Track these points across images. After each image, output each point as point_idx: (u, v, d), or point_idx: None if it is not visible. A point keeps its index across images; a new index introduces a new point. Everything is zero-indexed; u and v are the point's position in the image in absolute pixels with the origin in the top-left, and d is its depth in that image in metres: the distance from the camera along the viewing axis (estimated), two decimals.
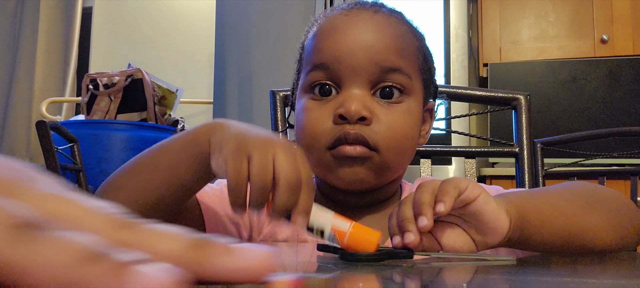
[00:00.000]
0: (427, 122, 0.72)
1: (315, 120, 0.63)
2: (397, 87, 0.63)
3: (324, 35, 0.65)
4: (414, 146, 0.67)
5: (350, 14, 0.65)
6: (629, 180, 1.45)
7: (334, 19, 0.66)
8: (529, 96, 1.05)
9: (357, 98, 0.60)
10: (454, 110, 2.03)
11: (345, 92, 0.62)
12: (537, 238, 0.53)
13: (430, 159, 1.09)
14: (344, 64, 0.62)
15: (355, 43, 0.62)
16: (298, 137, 0.66)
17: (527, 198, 0.55)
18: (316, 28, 0.67)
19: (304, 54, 0.68)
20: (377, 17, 0.65)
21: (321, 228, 0.46)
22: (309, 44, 0.67)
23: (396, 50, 0.63)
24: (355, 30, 0.63)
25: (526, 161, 1.04)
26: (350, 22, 0.64)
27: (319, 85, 0.63)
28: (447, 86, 1.10)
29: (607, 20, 2.44)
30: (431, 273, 0.45)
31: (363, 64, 0.61)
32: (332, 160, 0.62)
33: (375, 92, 0.63)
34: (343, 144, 0.60)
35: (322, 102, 0.63)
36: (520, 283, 0.42)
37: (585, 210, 0.57)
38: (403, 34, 0.65)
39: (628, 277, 0.48)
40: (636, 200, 1.40)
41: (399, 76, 0.62)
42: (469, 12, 2.38)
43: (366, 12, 0.65)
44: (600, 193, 0.61)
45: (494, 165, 2.49)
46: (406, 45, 0.65)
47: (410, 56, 0.65)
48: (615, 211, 0.59)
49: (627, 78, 2.36)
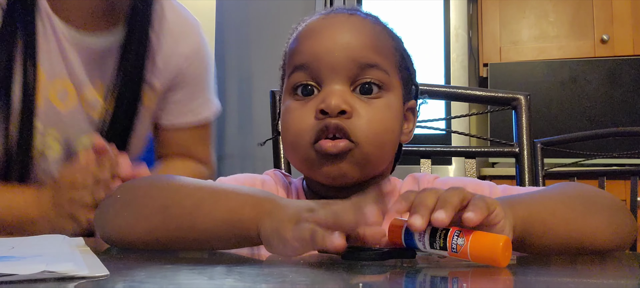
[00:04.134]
0: (410, 121, 0.74)
1: (299, 119, 0.65)
2: (376, 83, 0.65)
3: (303, 38, 0.69)
4: (394, 140, 0.69)
5: (328, 18, 0.70)
6: (629, 180, 1.45)
7: (312, 23, 0.70)
8: (529, 96, 1.05)
9: (337, 93, 0.63)
10: (454, 110, 2.03)
11: (326, 88, 0.65)
12: (538, 245, 0.54)
13: (430, 159, 1.09)
14: (323, 62, 0.65)
15: (333, 42, 0.66)
16: (284, 137, 0.69)
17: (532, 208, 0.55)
18: (296, 34, 0.71)
19: (286, 58, 0.72)
20: (353, 18, 0.69)
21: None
22: (289, 49, 0.71)
23: (372, 47, 0.66)
24: (332, 31, 0.67)
25: (526, 161, 1.04)
26: (327, 24, 0.69)
27: (301, 85, 0.66)
28: (446, 86, 1.10)
29: (607, 21, 2.44)
30: (432, 273, 0.45)
31: (341, 61, 0.64)
32: (316, 157, 0.64)
33: (355, 88, 0.65)
34: (324, 138, 0.62)
35: (305, 102, 0.66)
36: (520, 283, 0.42)
37: (583, 214, 0.57)
38: (378, 33, 0.69)
39: (628, 277, 0.48)
40: (636, 200, 1.40)
41: (376, 72, 0.65)
42: (469, 12, 2.38)
43: (342, 15, 0.70)
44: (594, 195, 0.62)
45: (494, 165, 2.49)
46: (382, 43, 0.68)
47: (387, 53, 0.68)
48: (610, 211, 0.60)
49: (627, 78, 2.36)
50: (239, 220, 0.51)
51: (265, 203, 0.51)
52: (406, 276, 0.44)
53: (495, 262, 0.44)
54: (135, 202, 0.57)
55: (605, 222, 0.58)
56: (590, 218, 0.57)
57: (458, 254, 0.45)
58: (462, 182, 0.72)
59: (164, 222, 0.54)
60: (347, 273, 0.42)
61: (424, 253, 0.49)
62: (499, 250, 0.44)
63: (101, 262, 0.42)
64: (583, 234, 0.56)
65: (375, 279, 0.42)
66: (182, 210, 0.54)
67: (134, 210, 0.56)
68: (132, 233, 0.55)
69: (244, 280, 0.39)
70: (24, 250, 0.49)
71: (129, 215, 0.56)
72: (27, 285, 0.34)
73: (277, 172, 0.77)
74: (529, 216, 0.52)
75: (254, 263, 0.52)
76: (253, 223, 0.50)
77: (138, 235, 0.55)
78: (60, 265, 0.37)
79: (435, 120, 1.12)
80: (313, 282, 0.39)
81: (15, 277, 0.35)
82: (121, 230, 0.56)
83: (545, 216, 0.54)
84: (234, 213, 0.52)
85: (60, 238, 0.58)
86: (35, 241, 0.58)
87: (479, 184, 0.72)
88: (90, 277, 0.37)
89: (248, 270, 0.46)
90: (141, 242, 0.55)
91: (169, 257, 0.52)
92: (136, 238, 0.55)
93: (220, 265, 0.47)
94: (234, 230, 0.52)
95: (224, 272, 0.43)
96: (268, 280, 0.40)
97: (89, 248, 0.52)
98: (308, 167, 0.66)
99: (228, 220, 0.52)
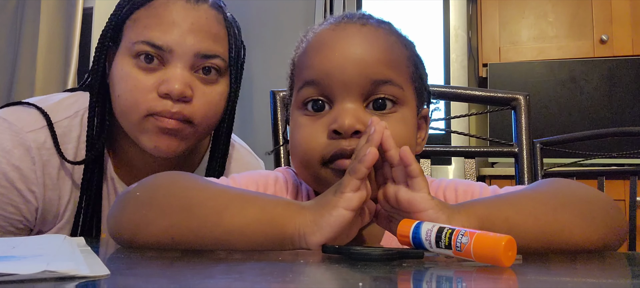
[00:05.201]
0: (423, 129, 0.73)
1: (309, 136, 0.63)
2: (390, 99, 0.64)
3: (313, 51, 0.66)
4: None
5: (338, 28, 0.66)
6: (629, 180, 1.45)
7: (322, 34, 0.67)
8: (528, 96, 1.05)
9: (350, 112, 0.61)
10: (453, 111, 2.03)
11: (338, 106, 0.63)
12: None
13: (430, 159, 1.10)
14: (334, 79, 0.62)
15: (345, 57, 0.63)
16: (293, 152, 0.67)
17: (493, 206, 0.55)
18: (305, 44, 0.68)
19: (295, 70, 0.69)
20: (365, 29, 0.65)
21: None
22: (299, 61, 0.68)
23: (386, 62, 0.64)
24: (344, 45, 0.64)
25: (526, 161, 1.04)
26: (338, 36, 0.65)
27: (312, 101, 0.64)
28: (445, 86, 1.10)
29: (607, 21, 2.44)
30: (432, 272, 0.45)
31: (354, 78, 0.62)
32: (332, 175, 0.62)
33: (368, 104, 0.63)
34: (342, 158, 0.61)
35: (316, 118, 0.64)
36: (521, 283, 0.42)
37: (556, 209, 0.56)
38: (392, 44, 0.66)
39: (628, 277, 0.49)
40: (635, 199, 1.40)
41: (390, 88, 0.63)
42: (468, 13, 2.38)
43: (354, 25, 0.66)
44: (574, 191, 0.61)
45: (493, 165, 2.49)
46: (396, 56, 0.66)
47: (401, 66, 0.66)
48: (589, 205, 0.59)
49: (626, 78, 2.36)
50: (271, 217, 0.52)
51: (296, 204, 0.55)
52: (406, 276, 0.44)
53: (498, 261, 0.44)
54: (156, 200, 0.57)
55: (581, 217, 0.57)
56: (563, 213, 0.56)
57: (462, 253, 0.46)
58: (454, 183, 0.73)
59: (187, 220, 0.54)
60: (347, 273, 0.42)
61: (430, 253, 0.49)
62: (501, 249, 0.44)
63: (102, 261, 0.42)
64: (556, 229, 0.55)
65: (375, 279, 0.42)
66: (208, 209, 0.54)
67: (155, 207, 0.56)
68: (147, 231, 0.55)
69: (244, 280, 0.39)
70: (24, 250, 0.49)
71: (149, 212, 0.56)
72: (28, 285, 0.34)
73: (289, 169, 0.75)
74: (488, 214, 0.53)
75: (254, 263, 0.52)
76: (288, 219, 0.52)
77: (153, 233, 0.54)
78: (61, 265, 0.37)
79: (434, 120, 1.12)
80: (313, 282, 0.39)
81: (15, 277, 0.35)
82: (137, 227, 0.55)
83: (510, 214, 0.54)
84: (266, 211, 0.53)
85: (60, 238, 0.58)
86: (35, 241, 0.58)
87: (470, 185, 0.72)
88: (91, 276, 0.37)
89: (248, 270, 0.46)
90: (154, 241, 0.54)
91: (170, 257, 0.52)
92: (151, 236, 0.54)
93: (220, 265, 0.47)
94: (265, 228, 0.52)
95: (224, 272, 0.43)
96: (268, 280, 0.40)
97: (89, 248, 0.52)
98: (319, 184, 0.65)
99: (260, 218, 0.52)
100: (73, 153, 0.87)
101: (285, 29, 2.17)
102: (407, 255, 0.49)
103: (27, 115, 0.86)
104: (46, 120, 0.85)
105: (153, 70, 0.82)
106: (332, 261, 0.47)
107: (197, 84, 0.83)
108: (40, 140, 0.84)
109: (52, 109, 0.87)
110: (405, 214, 0.53)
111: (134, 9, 0.85)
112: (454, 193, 0.71)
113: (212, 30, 0.85)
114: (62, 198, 0.87)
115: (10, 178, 0.82)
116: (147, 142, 0.82)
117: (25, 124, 0.84)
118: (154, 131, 0.81)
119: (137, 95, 0.81)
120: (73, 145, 0.87)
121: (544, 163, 1.37)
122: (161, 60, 0.82)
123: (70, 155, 0.86)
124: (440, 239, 0.47)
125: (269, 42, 2.20)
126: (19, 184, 0.82)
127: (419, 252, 0.49)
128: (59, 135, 0.85)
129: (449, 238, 0.47)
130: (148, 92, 0.81)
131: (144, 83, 0.81)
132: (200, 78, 0.84)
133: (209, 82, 0.85)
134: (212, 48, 0.84)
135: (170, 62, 0.82)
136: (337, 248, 0.49)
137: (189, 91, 0.81)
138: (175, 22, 0.82)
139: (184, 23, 0.82)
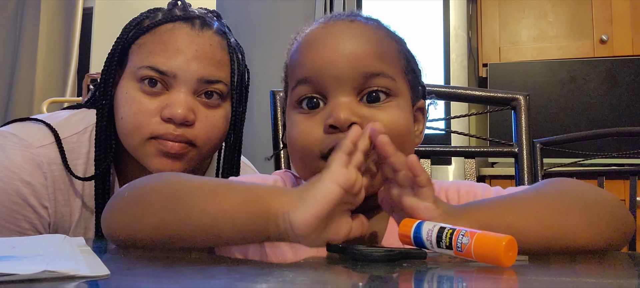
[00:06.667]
0: (420, 121, 0.73)
1: (306, 132, 0.64)
2: (383, 91, 0.64)
3: (304, 50, 0.67)
4: (412, 140, 0.68)
5: (327, 26, 0.67)
6: (629, 180, 1.45)
7: (312, 33, 0.68)
8: (528, 96, 1.05)
9: (344, 106, 0.62)
10: (453, 111, 2.03)
11: (332, 101, 0.63)
12: None
13: (430, 159, 1.10)
14: (327, 74, 0.63)
15: (336, 53, 0.64)
16: (291, 151, 0.68)
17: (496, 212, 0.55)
18: (296, 45, 0.69)
19: (288, 71, 0.70)
20: (354, 25, 0.66)
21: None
22: (291, 61, 0.69)
23: (376, 55, 0.64)
24: (334, 41, 0.65)
25: (525, 161, 1.04)
26: (328, 33, 0.66)
27: (306, 99, 0.65)
28: (445, 86, 1.10)
29: (606, 21, 2.44)
30: (432, 272, 0.45)
31: (345, 72, 0.63)
32: None
33: (362, 98, 0.64)
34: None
35: (311, 115, 0.64)
36: (521, 283, 0.42)
37: (560, 212, 0.56)
38: (381, 38, 0.67)
39: (628, 277, 0.49)
40: (635, 199, 1.40)
41: (382, 80, 0.64)
42: (468, 13, 2.38)
43: (343, 22, 0.67)
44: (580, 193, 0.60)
45: (493, 165, 2.49)
46: (386, 48, 0.66)
47: (392, 59, 0.66)
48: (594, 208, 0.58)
49: (626, 78, 2.36)
50: (256, 196, 0.52)
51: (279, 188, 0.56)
52: (406, 276, 0.44)
53: (498, 261, 0.44)
54: (143, 198, 0.57)
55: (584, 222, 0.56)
56: (568, 215, 0.56)
57: (463, 253, 0.46)
58: (456, 184, 0.72)
59: (173, 212, 0.54)
60: (347, 273, 0.42)
61: (432, 253, 0.49)
62: (501, 249, 0.44)
63: (102, 261, 0.42)
64: (560, 232, 0.55)
65: (375, 279, 0.42)
66: (193, 198, 0.54)
67: (142, 205, 0.56)
68: (139, 230, 0.55)
69: (244, 280, 0.39)
70: (24, 250, 0.49)
71: (137, 210, 0.56)
72: (28, 284, 0.34)
73: (287, 172, 0.76)
74: (489, 220, 0.53)
75: (254, 263, 0.52)
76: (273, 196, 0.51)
77: (145, 232, 0.54)
78: (61, 265, 0.37)
79: (434, 120, 1.12)
80: (313, 282, 0.39)
81: (15, 277, 0.35)
82: (128, 227, 0.56)
83: (513, 219, 0.54)
84: (250, 192, 0.53)
85: (60, 238, 0.58)
86: (35, 241, 0.58)
87: (472, 186, 0.72)
88: (90, 276, 0.37)
89: (248, 270, 0.46)
90: (148, 239, 0.54)
91: (170, 257, 0.52)
92: (143, 234, 0.55)
93: (220, 265, 0.47)
94: (249, 207, 0.52)
95: (224, 272, 0.43)
96: (268, 280, 0.40)
97: (89, 248, 0.52)
98: None
99: (244, 200, 0.52)
100: (83, 169, 0.87)
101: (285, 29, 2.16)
102: (410, 255, 0.49)
103: (36, 130, 0.86)
104: (54, 136, 0.85)
105: (157, 94, 0.83)
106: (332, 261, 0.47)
107: (200, 107, 0.85)
108: (51, 156, 0.84)
109: (61, 126, 0.87)
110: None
111: (139, 34, 0.87)
112: (456, 194, 0.71)
113: (215, 57, 0.86)
114: (73, 215, 0.87)
115: (22, 194, 0.81)
116: (150, 164, 0.84)
117: (35, 140, 0.84)
118: (156, 154, 0.83)
119: (140, 118, 0.83)
120: (82, 161, 0.87)
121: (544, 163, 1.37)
122: (165, 85, 0.84)
123: (80, 172, 0.86)
124: (441, 239, 0.47)
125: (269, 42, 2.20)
126: (32, 200, 0.82)
127: (422, 252, 0.49)
128: (68, 151, 0.86)
129: (449, 239, 0.47)
130: (151, 116, 0.82)
131: (147, 107, 0.82)
132: (203, 102, 0.85)
133: (211, 105, 0.86)
134: (215, 73, 0.85)
135: (174, 87, 0.83)
136: (340, 247, 0.49)
137: (191, 115, 0.83)
138: (180, 49, 0.83)
139: (189, 50, 0.84)
